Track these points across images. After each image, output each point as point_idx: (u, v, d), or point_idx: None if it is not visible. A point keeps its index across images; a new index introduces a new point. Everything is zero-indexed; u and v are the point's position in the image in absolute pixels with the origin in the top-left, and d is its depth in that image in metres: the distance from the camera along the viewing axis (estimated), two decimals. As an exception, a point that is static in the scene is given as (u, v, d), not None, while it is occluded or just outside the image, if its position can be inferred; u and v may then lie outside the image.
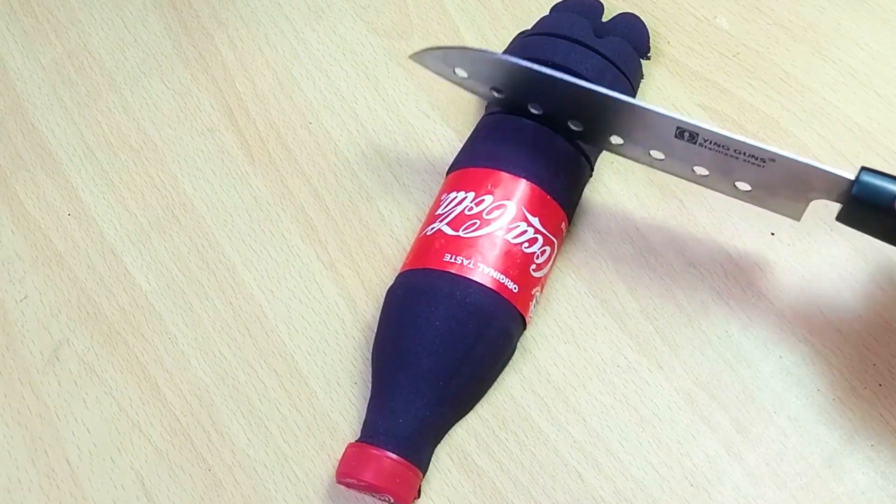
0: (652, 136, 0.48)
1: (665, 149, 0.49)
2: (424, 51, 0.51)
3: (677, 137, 0.47)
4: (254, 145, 0.59)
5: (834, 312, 0.50)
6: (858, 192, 0.44)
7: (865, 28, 0.58)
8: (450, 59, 0.51)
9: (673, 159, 0.49)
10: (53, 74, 0.64)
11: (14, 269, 0.57)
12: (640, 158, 0.51)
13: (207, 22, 0.64)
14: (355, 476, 0.45)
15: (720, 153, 0.47)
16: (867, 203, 0.44)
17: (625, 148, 0.51)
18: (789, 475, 0.47)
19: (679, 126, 0.47)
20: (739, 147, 0.46)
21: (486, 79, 0.51)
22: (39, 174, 0.60)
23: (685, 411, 0.49)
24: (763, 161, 0.46)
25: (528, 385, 0.50)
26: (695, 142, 0.47)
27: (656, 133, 0.48)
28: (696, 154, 0.48)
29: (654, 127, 0.48)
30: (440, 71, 0.53)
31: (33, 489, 0.51)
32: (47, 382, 0.54)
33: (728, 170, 0.48)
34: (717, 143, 0.46)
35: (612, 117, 0.49)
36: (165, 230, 0.57)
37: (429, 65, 0.53)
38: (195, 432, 0.51)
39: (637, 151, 0.50)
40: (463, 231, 0.49)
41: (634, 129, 0.49)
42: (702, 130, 0.46)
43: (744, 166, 0.47)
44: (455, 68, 0.51)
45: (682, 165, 0.49)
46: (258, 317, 0.54)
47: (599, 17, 0.57)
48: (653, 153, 0.50)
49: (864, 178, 0.44)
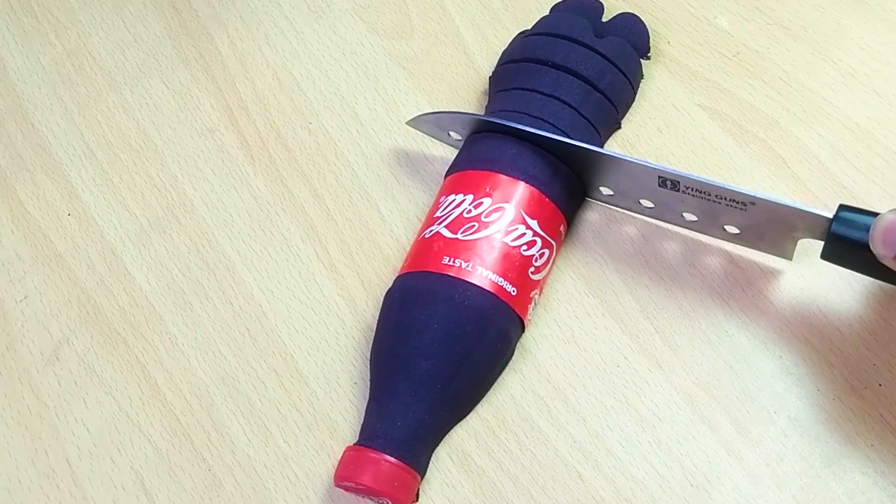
0: (637, 186, 0.50)
1: (652, 197, 0.50)
2: (419, 116, 0.55)
3: (661, 186, 0.49)
4: (254, 145, 0.59)
5: (834, 312, 0.50)
6: (836, 229, 0.44)
7: (865, 28, 0.58)
8: (443, 122, 0.54)
9: (661, 207, 0.51)
10: (53, 74, 0.64)
11: (14, 269, 0.57)
12: (632, 208, 0.53)
13: (207, 22, 0.64)
14: (353, 479, 0.45)
15: (703, 199, 0.48)
16: (845, 239, 0.44)
17: (615, 199, 0.53)
18: (789, 475, 0.47)
19: (660, 175, 0.48)
20: (719, 192, 0.47)
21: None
22: (39, 174, 0.60)
23: (685, 411, 0.49)
24: (744, 204, 0.47)
25: (528, 385, 0.50)
26: (677, 189, 0.48)
27: (640, 183, 0.50)
28: (682, 201, 0.49)
29: (637, 177, 0.49)
30: (435, 135, 0.56)
31: (33, 489, 0.51)
32: (47, 382, 0.54)
33: (714, 215, 0.49)
34: (698, 189, 0.48)
35: (598, 169, 0.51)
36: (165, 230, 0.57)
37: (424, 129, 0.56)
38: (195, 432, 0.51)
39: (628, 201, 0.52)
40: (461, 234, 0.49)
41: (620, 180, 0.51)
42: (682, 178, 0.48)
43: (728, 210, 0.48)
44: (449, 131, 0.54)
45: (671, 213, 0.51)
46: (258, 317, 0.54)
47: (599, 17, 0.57)
48: (642, 202, 0.51)
49: (842, 215, 0.44)
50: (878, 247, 0.43)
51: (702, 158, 0.55)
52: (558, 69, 0.53)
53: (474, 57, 0.60)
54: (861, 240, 0.43)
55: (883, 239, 0.42)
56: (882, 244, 0.42)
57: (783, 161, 0.54)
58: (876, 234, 0.43)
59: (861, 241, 0.43)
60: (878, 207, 0.52)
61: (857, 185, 0.53)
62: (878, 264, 0.43)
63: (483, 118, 0.52)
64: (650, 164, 0.48)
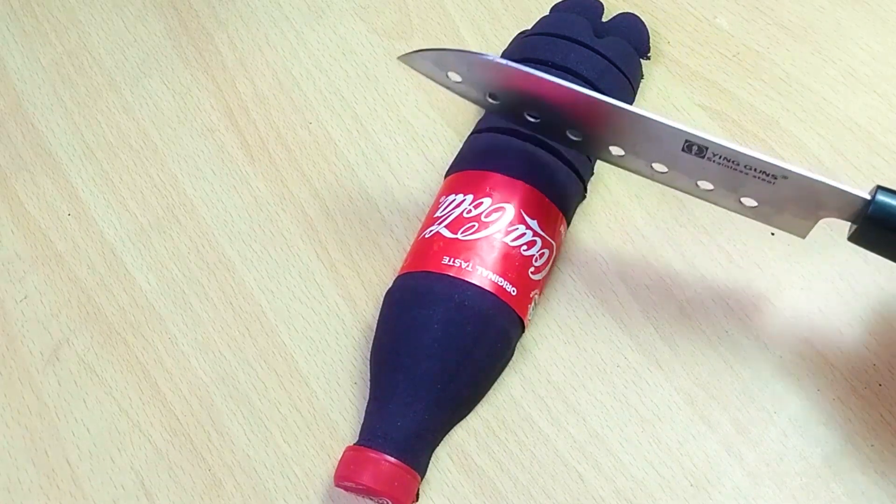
0: (657, 149, 0.46)
1: (669, 162, 0.47)
2: (416, 52, 0.49)
3: (684, 151, 0.45)
4: (254, 145, 0.59)
5: (834, 312, 0.50)
6: (874, 212, 0.42)
7: (865, 28, 0.58)
8: (444, 61, 0.49)
9: (677, 172, 0.47)
10: (53, 74, 0.64)
11: (14, 269, 0.57)
12: (640, 171, 0.49)
13: (207, 22, 0.64)
14: (353, 479, 0.45)
15: (729, 168, 0.45)
16: (883, 224, 0.42)
17: (625, 160, 0.48)
18: (789, 475, 0.47)
19: (688, 139, 0.44)
20: (751, 162, 0.44)
21: (482, 83, 0.49)
22: (39, 174, 0.60)
23: (685, 411, 0.49)
24: (774, 177, 0.44)
25: (528, 385, 0.50)
26: (703, 156, 0.45)
27: (662, 145, 0.46)
28: (703, 168, 0.46)
29: (661, 139, 0.46)
30: (432, 74, 0.50)
31: (33, 489, 0.51)
32: (47, 382, 0.54)
33: (735, 185, 0.46)
34: (726, 157, 0.44)
35: (615, 127, 0.47)
36: (165, 230, 0.57)
37: (420, 67, 0.50)
38: (195, 432, 0.51)
39: (638, 164, 0.48)
40: (461, 234, 0.49)
41: (638, 141, 0.47)
42: (711, 144, 0.44)
43: (753, 182, 0.45)
44: (448, 72, 0.49)
45: (685, 179, 0.47)
46: (258, 317, 0.54)
47: (599, 17, 0.57)
48: (655, 166, 0.48)
49: (881, 198, 0.42)
50: None
51: (702, 158, 0.55)
52: (558, 69, 0.53)
53: (474, 57, 0.60)
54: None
55: None
56: None
57: (783, 161, 0.54)
58: None
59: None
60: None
61: (858, 185, 0.53)
62: None
63: (489, 57, 0.47)
64: (678, 126, 0.44)
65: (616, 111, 0.45)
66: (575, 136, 0.49)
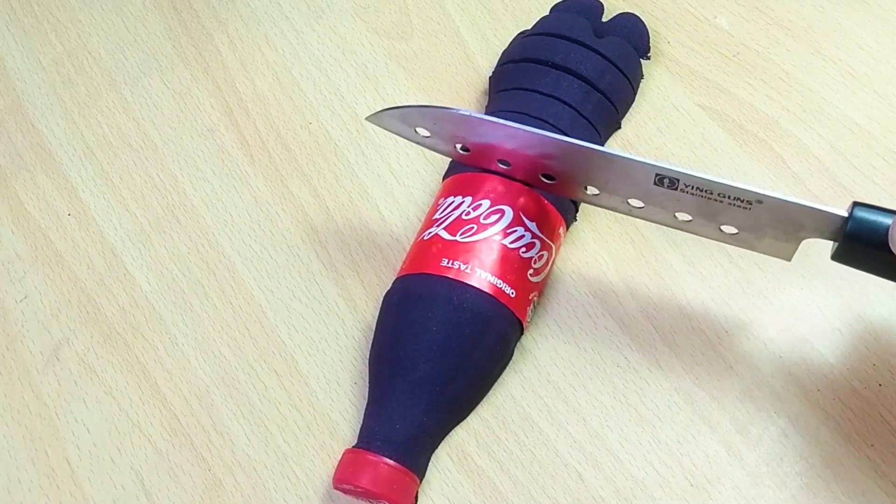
0: (630, 185, 0.46)
1: (644, 197, 0.47)
2: (382, 112, 0.49)
3: (656, 185, 0.45)
4: (254, 145, 0.59)
5: (834, 312, 0.50)
6: (853, 228, 0.42)
7: (865, 28, 0.58)
8: (409, 118, 0.49)
9: (653, 207, 0.47)
10: (53, 74, 0.64)
11: (14, 269, 0.57)
12: (617, 208, 0.48)
13: (207, 22, 0.64)
14: (352, 482, 0.45)
15: (703, 198, 0.45)
16: (863, 240, 0.42)
17: (601, 198, 0.48)
18: (789, 475, 0.47)
19: (658, 173, 0.45)
20: (724, 190, 0.44)
21: (450, 136, 0.48)
22: (39, 174, 0.60)
23: (685, 411, 0.49)
24: (749, 203, 0.44)
25: (528, 385, 0.50)
26: (675, 188, 0.45)
27: (634, 181, 0.46)
28: (678, 200, 0.46)
29: (632, 175, 0.46)
30: (400, 131, 0.50)
31: (33, 489, 0.51)
32: (47, 382, 0.54)
33: (712, 214, 0.46)
34: (699, 187, 0.44)
35: (586, 168, 0.47)
36: (165, 230, 0.57)
37: (388, 126, 0.50)
38: (195, 432, 0.51)
39: (614, 201, 0.48)
40: (460, 236, 0.49)
41: (610, 179, 0.47)
42: (682, 176, 0.44)
43: (729, 210, 0.45)
44: (416, 128, 0.49)
45: (663, 212, 0.47)
46: (258, 317, 0.54)
47: (599, 17, 0.57)
48: (631, 202, 0.47)
49: (858, 214, 0.42)
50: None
51: (702, 158, 0.55)
52: (558, 69, 0.53)
53: (474, 57, 0.60)
54: (879, 240, 0.41)
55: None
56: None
57: (783, 161, 0.54)
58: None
59: (879, 241, 0.41)
60: (878, 207, 0.52)
61: (857, 185, 0.53)
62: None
63: (452, 111, 0.47)
64: (648, 161, 0.45)
65: (584, 152, 0.46)
66: (548, 179, 0.48)
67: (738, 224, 0.46)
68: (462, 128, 0.48)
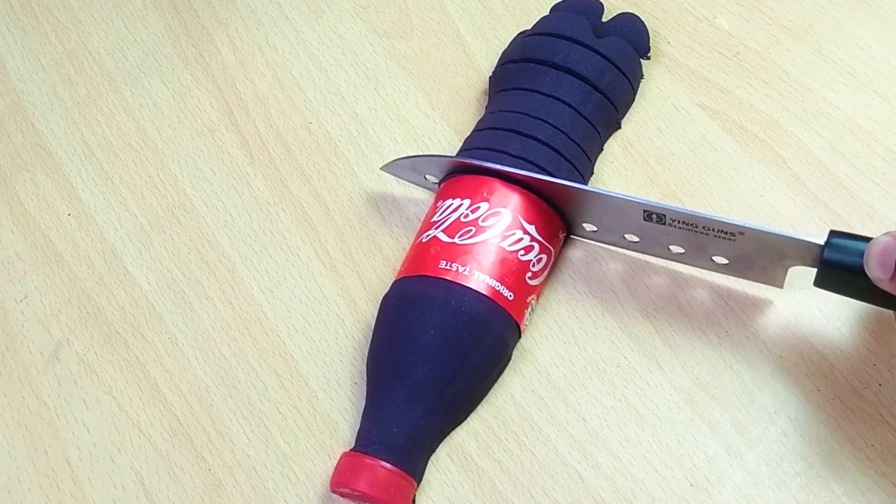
0: (622, 221, 0.49)
1: (637, 232, 0.50)
2: (394, 162, 0.53)
3: (646, 220, 0.48)
4: (254, 145, 0.59)
5: (834, 312, 0.50)
6: (829, 255, 0.44)
7: (865, 28, 0.58)
8: (418, 167, 0.53)
9: (647, 241, 0.50)
10: (53, 74, 0.64)
11: (14, 269, 0.57)
12: (617, 243, 0.52)
13: (207, 22, 0.64)
14: (349, 486, 0.45)
15: (690, 231, 0.47)
16: (839, 265, 0.44)
17: (600, 234, 0.52)
18: (789, 475, 0.47)
19: (646, 209, 0.47)
20: (706, 223, 0.46)
21: None
22: (39, 174, 0.60)
23: (685, 411, 0.49)
24: (732, 235, 0.46)
25: (528, 385, 0.50)
26: (663, 223, 0.48)
27: (626, 218, 0.49)
28: (668, 234, 0.48)
29: (623, 212, 0.49)
30: (413, 179, 0.54)
31: (33, 489, 0.51)
32: (47, 382, 0.54)
33: (701, 246, 0.48)
34: (684, 221, 0.47)
35: (580, 206, 0.50)
36: (165, 230, 0.57)
37: (402, 175, 0.55)
38: (195, 432, 0.51)
39: (612, 237, 0.51)
40: (458, 238, 0.49)
41: (605, 216, 0.50)
42: (668, 211, 0.47)
43: (716, 241, 0.47)
44: (426, 175, 0.53)
45: (657, 246, 0.50)
46: (258, 317, 0.54)
47: (599, 17, 0.57)
48: (627, 237, 0.51)
49: (834, 242, 0.44)
50: (874, 270, 0.42)
51: (702, 158, 0.55)
52: (558, 69, 0.53)
53: (474, 57, 0.60)
54: (855, 265, 0.43)
55: (879, 262, 0.42)
56: (879, 267, 0.42)
57: (783, 161, 0.54)
58: (871, 258, 0.42)
59: (855, 266, 0.43)
60: (877, 207, 0.52)
61: (857, 185, 0.53)
62: (875, 289, 0.43)
63: (461, 161, 0.51)
64: (634, 199, 0.47)
65: (572, 192, 0.49)
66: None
67: (726, 255, 0.48)
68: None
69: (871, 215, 0.52)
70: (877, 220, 0.52)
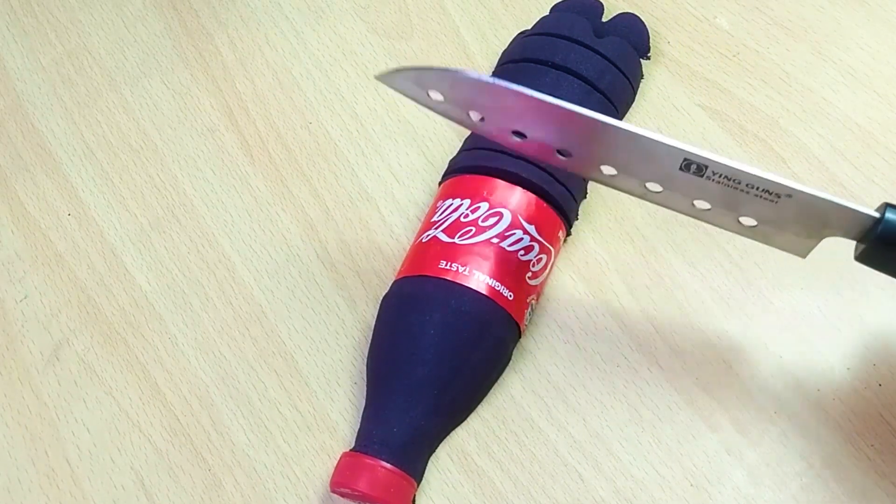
0: (652, 168, 0.43)
1: (665, 181, 0.44)
2: (396, 71, 0.45)
3: (682, 170, 0.43)
4: (254, 145, 0.59)
5: (833, 312, 0.50)
6: (885, 231, 0.40)
7: (865, 28, 0.58)
8: (424, 80, 0.45)
9: (672, 192, 0.44)
10: (53, 74, 0.64)
11: (14, 269, 0.57)
12: (632, 190, 0.45)
13: (207, 22, 0.64)
14: (349, 486, 0.45)
15: (729, 187, 0.42)
16: (893, 243, 0.40)
17: (616, 179, 0.45)
18: (789, 475, 0.47)
19: (686, 158, 0.42)
20: (753, 181, 0.42)
21: (465, 102, 0.45)
22: (39, 174, 0.60)
23: (685, 411, 0.49)
24: (778, 196, 0.42)
25: (528, 385, 0.50)
26: (702, 174, 0.42)
27: (658, 164, 0.43)
28: (701, 187, 0.43)
29: (657, 158, 0.43)
30: (413, 93, 0.45)
31: (33, 489, 0.51)
32: (47, 382, 0.54)
33: (735, 205, 0.43)
34: (727, 176, 0.42)
35: (608, 146, 0.44)
36: (165, 230, 0.57)
37: (399, 86, 0.46)
38: (195, 432, 0.51)
39: (631, 183, 0.45)
40: (458, 238, 0.49)
41: (633, 161, 0.44)
42: (712, 163, 0.42)
43: (754, 201, 0.42)
44: (430, 90, 0.45)
45: (681, 199, 0.45)
46: (258, 317, 0.54)
47: (599, 17, 0.57)
48: (649, 185, 0.44)
49: (891, 217, 0.40)
50: None
51: (702, 158, 0.55)
52: (558, 69, 0.53)
53: (474, 57, 0.60)
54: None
55: None
56: None
57: (783, 161, 0.54)
58: None
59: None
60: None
61: (857, 185, 0.53)
62: None
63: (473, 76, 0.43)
64: (677, 144, 0.42)
65: (611, 129, 0.43)
66: (564, 154, 0.45)
67: (759, 216, 0.44)
68: (480, 95, 0.44)
69: (871, 215, 0.52)
70: (877, 220, 0.52)
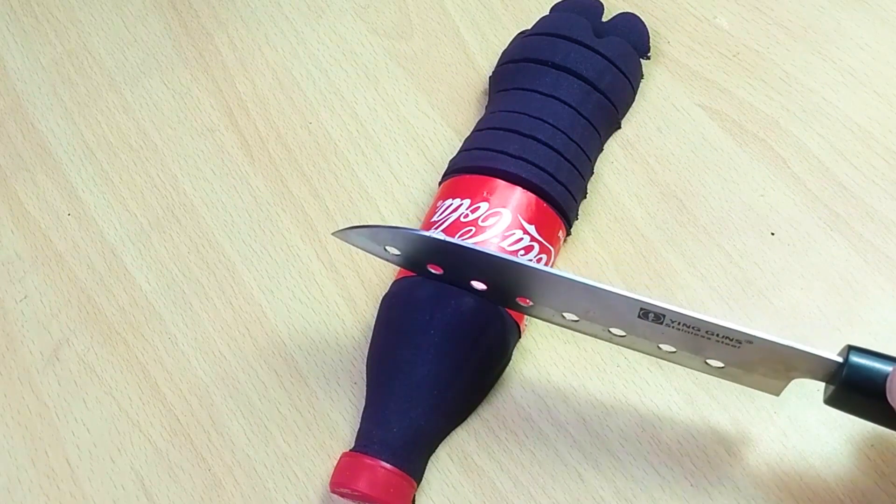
0: (612, 316, 0.44)
1: (627, 328, 0.45)
2: (350, 229, 0.47)
3: (641, 318, 0.43)
4: (254, 145, 0.59)
5: (833, 311, 0.50)
6: (848, 375, 0.40)
7: (865, 28, 0.58)
8: (379, 237, 0.47)
9: (635, 337, 0.45)
10: (53, 74, 0.64)
11: (14, 269, 0.57)
12: (597, 335, 0.46)
13: (207, 22, 0.64)
14: (349, 486, 0.45)
15: (690, 333, 0.43)
16: (858, 388, 0.40)
17: (580, 325, 0.46)
18: (789, 475, 0.47)
19: (643, 307, 0.43)
20: (712, 329, 0.42)
21: (420, 257, 0.47)
22: (39, 174, 0.60)
23: (685, 411, 0.49)
24: (738, 342, 0.42)
25: (528, 385, 0.50)
26: (661, 322, 0.43)
27: (616, 313, 0.44)
28: (662, 333, 0.44)
29: (614, 307, 0.44)
30: (369, 248, 0.48)
31: (33, 489, 0.51)
32: (47, 382, 0.54)
33: (698, 349, 0.44)
34: (685, 324, 0.42)
35: (567, 297, 0.45)
36: (165, 230, 0.57)
37: (356, 243, 0.48)
38: (195, 432, 0.51)
39: (595, 328, 0.46)
40: (458, 238, 0.49)
41: (591, 308, 0.45)
42: (668, 312, 0.42)
43: (717, 346, 0.43)
44: (386, 246, 0.47)
45: (646, 343, 0.45)
46: (258, 317, 0.54)
47: (599, 17, 0.57)
48: (613, 330, 0.45)
49: (854, 361, 0.40)
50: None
51: (702, 158, 0.55)
52: (558, 69, 0.53)
53: (474, 57, 0.60)
54: (875, 389, 0.40)
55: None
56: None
57: (783, 161, 0.54)
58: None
59: (875, 390, 0.40)
60: (877, 207, 0.52)
61: (857, 185, 0.53)
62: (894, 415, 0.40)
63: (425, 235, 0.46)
64: (632, 296, 0.42)
65: (566, 282, 0.44)
66: (524, 301, 0.46)
67: (725, 360, 0.44)
68: (435, 252, 0.46)
69: (871, 215, 0.52)
70: (877, 220, 0.52)
